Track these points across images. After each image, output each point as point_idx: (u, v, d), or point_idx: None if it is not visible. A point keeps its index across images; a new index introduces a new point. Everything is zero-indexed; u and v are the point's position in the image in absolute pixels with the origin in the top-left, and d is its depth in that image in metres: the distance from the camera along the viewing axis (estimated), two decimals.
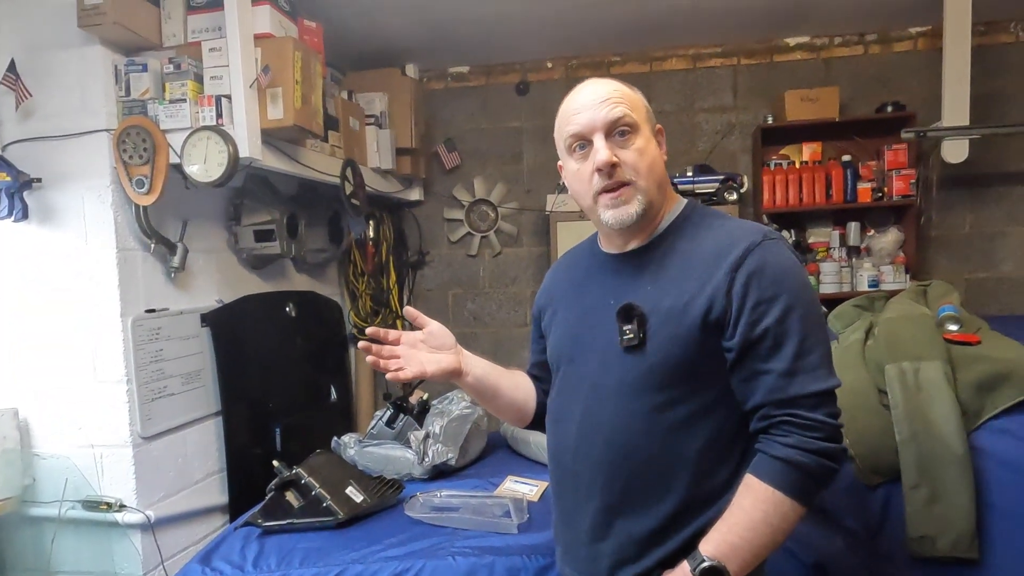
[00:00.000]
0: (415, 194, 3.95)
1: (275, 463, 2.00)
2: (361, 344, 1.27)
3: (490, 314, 4.07)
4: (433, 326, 1.34)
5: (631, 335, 1.15)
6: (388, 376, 1.25)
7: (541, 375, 1.45)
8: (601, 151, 1.17)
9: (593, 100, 1.20)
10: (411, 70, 3.76)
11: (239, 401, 2.81)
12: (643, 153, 1.19)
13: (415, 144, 3.59)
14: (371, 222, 3.76)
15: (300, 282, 3.48)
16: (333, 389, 3.56)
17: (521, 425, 1.49)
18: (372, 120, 3.33)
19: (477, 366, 1.37)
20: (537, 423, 1.46)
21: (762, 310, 1.10)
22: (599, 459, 1.19)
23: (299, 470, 1.97)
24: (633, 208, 1.18)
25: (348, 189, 3.04)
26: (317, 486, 1.94)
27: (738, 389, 1.15)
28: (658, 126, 1.27)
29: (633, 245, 1.25)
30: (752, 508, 1.09)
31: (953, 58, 3.05)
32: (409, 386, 2.46)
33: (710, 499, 1.14)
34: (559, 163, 1.31)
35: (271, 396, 3.01)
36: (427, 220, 4.07)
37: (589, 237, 1.41)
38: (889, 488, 1.69)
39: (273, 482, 1.99)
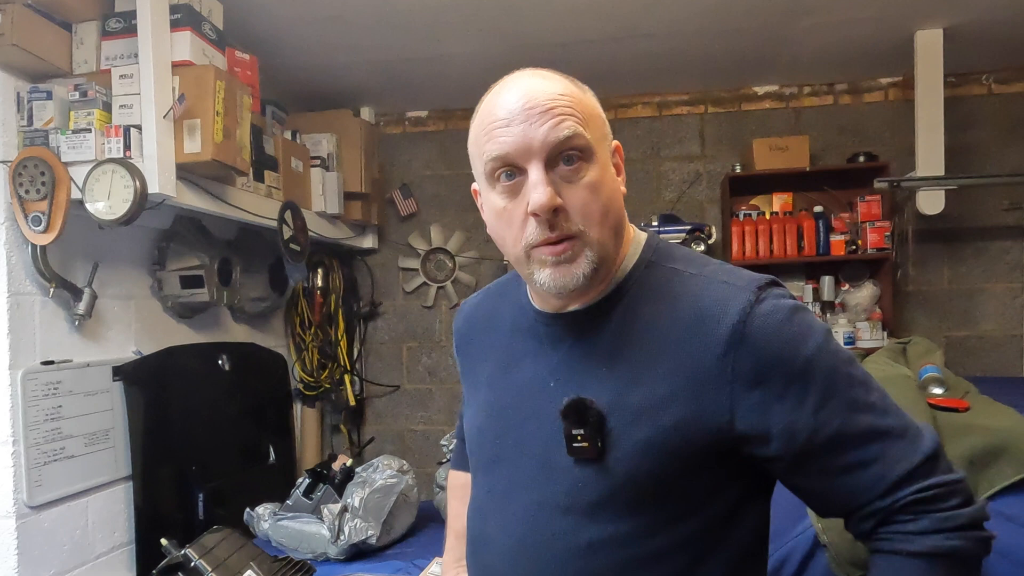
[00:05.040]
0: (368, 241, 3.73)
1: (163, 541, 1.73)
2: None
3: (447, 369, 3.81)
4: None
5: (583, 442, 0.84)
6: None
7: None
8: (539, 189, 0.82)
9: (528, 106, 0.84)
10: (366, 113, 3.61)
11: (156, 464, 2.51)
12: (597, 190, 0.84)
13: (366, 189, 3.40)
14: (319, 270, 3.54)
15: (238, 333, 3.22)
16: (272, 449, 3.26)
17: None
18: (318, 162, 3.13)
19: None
20: None
21: (811, 406, 0.81)
22: None
23: (188, 551, 1.69)
24: (580, 269, 0.84)
25: (287, 233, 2.83)
26: (209, 570, 1.67)
27: (804, 492, 0.88)
28: (615, 143, 0.92)
29: (576, 306, 0.92)
30: None
31: (926, 107, 2.96)
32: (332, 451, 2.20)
33: None
34: (474, 187, 0.97)
35: (195, 458, 2.70)
36: (381, 269, 3.85)
37: (510, 277, 1.08)
38: None
39: (159, 566, 1.71)
